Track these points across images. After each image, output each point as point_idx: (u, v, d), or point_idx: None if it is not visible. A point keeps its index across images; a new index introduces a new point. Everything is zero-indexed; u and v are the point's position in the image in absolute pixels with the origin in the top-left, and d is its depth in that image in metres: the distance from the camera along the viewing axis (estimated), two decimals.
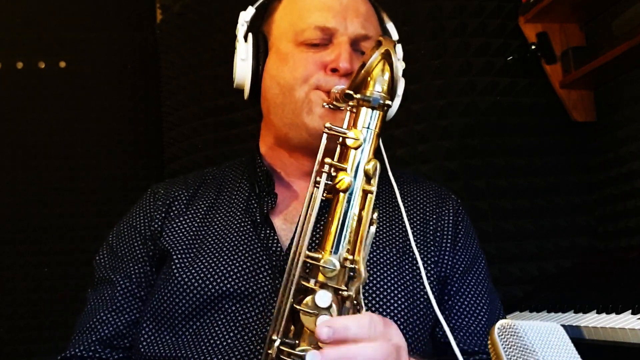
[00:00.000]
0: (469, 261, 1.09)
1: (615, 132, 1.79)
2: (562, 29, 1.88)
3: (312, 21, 1.06)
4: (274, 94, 1.08)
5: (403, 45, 1.85)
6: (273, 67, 1.09)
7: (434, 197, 1.13)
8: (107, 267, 1.09)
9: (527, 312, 1.58)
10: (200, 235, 1.05)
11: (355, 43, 1.06)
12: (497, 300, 1.11)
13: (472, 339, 1.03)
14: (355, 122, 0.80)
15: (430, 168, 1.80)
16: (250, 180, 1.11)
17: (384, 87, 0.80)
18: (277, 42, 1.10)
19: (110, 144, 2.42)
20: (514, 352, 0.72)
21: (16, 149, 2.35)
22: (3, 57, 2.38)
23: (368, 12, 1.11)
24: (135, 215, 1.12)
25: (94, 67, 2.43)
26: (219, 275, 0.99)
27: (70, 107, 2.40)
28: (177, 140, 2.23)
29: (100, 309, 1.05)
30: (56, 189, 2.35)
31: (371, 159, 0.79)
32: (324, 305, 0.73)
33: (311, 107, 1.03)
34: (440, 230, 1.09)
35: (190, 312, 0.97)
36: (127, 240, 1.10)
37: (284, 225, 1.05)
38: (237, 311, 0.96)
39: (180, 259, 1.01)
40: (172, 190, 1.12)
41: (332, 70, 1.03)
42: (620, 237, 1.77)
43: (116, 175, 2.38)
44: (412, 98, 1.83)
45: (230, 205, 1.09)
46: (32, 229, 2.32)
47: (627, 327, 1.20)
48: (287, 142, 1.10)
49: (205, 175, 1.17)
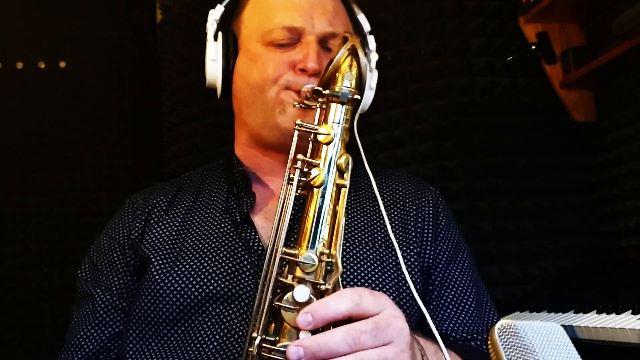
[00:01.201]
0: (452, 251, 1.10)
1: (615, 132, 1.79)
2: (562, 29, 1.88)
3: (279, 21, 1.06)
4: (245, 94, 1.09)
5: (403, 45, 1.86)
6: (243, 67, 1.09)
7: (412, 189, 1.14)
8: (88, 281, 1.09)
9: (527, 312, 1.58)
10: (180, 239, 1.04)
11: (323, 41, 1.07)
12: (482, 288, 1.12)
13: (463, 327, 1.04)
14: (326, 118, 0.81)
15: (430, 168, 1.80)
16: (228, 182, 1.12)
17: (352, 82, 0.80)
18: (246, 42, 1.11)
19: (110, 144, 2.41)
20: (514, 352, 0.72)
21: (16, 149, 2.35)
22: (3, 57, 2.38)
23: (336, 8, 1.11)
24: (114, 226, 1.12)
25: (94, 67, 2.43)
26: (201, 277, 0.98)
27: (70, 107, 2.39)
28: (177, 140, 2.23)
29: (83, 324, 1.04)
30: (56, 189, 2.35)
31: (343, 153, 0.80)
32: (303, 299, 0.73)
33: (284, 107, 1.04)
34: (421, 222, 1.09)
35: (174, 316, 0.97)
36: (107, 252, 1.09)
37: (264, 224, 1.05)
38: (221, 313, 0.96)
39: (160, 263, 1.01)
40: (150, 198, 1.12)
41: (300, 70, 1.04)
42: (620, 237, 1.77)
43: (116, 175, 2.38)
44: (412, 98, 1.84)
45: (209, 207, 1.09)
46: (32, 229, 2.32)
47: (627, 327, 1.20)
48: (261, 141, 1.10)
49: (183, 180, 1.17)
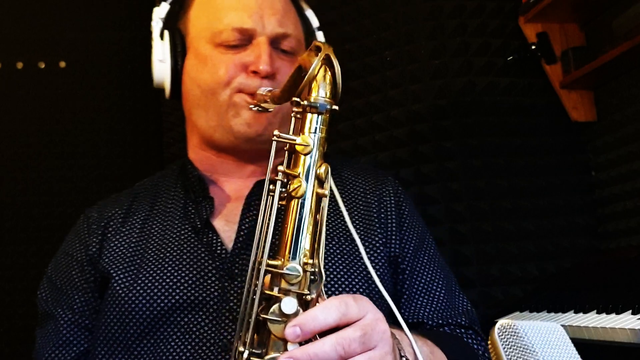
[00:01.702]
0: (418, 239, 1.10)
1: (615, 132, 1.80)
2: (562, 29, 1.88)
3: (228, 22, 1.04)
4: (196, 95, 1.06)
5: (403, 45, 1.86)
6: (192, 68, 1.07)
7: (372, 180, 1.12)
8: (48, 301, 1.06)
9: (527, 312, 1.58)
10: (140, 250, 1.02)
11: (274, 42, 1.05)
12: (449, 272, 1.13)
13: (436, 314, 1.04)
14: (302, 128, 0.79)
15: (431, 168, 1.80)
16: (184, 187, 1.09)
17: (327, 92, 0.79)
18: (194, 42, 1.08)
19: (110, 143, 2.41)
20: (514, 352, 0.72)
21: (16, 148, 2.35)
22: (3, 57, 2.37)
23: (285, 7, 1.10)
24: (70, 243, 1.09)
25: (94, 67, 2.43)
26: (165, 287, 0.96)
27: (70, 107, 2.39)
28: (177, 140, 2.23)
29: (47, 346, 1.01)
30: (56, 188, 2.34)
31: (322, 163, 0.79)
32: (290, 311, 0.72)
33: (237, 111, 1.03)
34: (384, 212, 1.08)
35: (142, 329, 0.95)
36: (65, 270, 1.06)
37: (226, 227, 1.03)
38: (190, 322, 0.94)
39: (121, 277, 0.98)
40: (105, 211, 1.09)
41: (252, 72, 1.02)
42: (620, 237, 1.77)
43: (116, 175, 2.38)
44: (412, 98, 1.84)
45: (167, 214, 1.06)
46: (32, 229, 2.31)
47: (627, 327, 1.20)
48: (214, 144, 1.08)
49: (137, 189, 1.14)
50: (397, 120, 1.85)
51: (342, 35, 1.93)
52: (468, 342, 1.04)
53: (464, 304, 1.10)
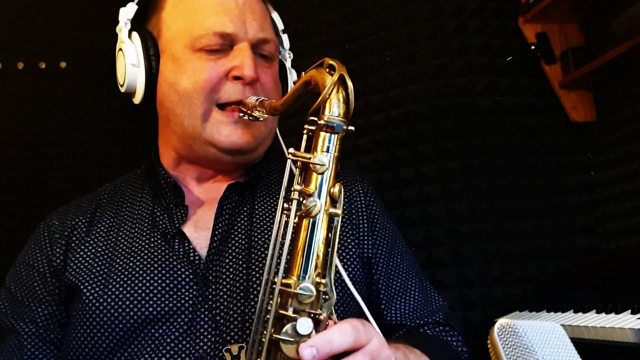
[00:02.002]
0: (390, 239, 1.10)
1: (615, 132, 1.80)
2: (561, 29, 1.88)
3: (209, 25, 1.00)
4: (173, 102, 1.02)
5: (403, 45, 1.86)
6: (170, 73, 1.03)
7: (342, 181, 1.10)
8: (8, 314, 1.00)
9: (527, 312, 1.58)
10: (107, 259, 0.98)
11: (255, 47, 1.03)
12: (419, 269, 1.14)
13: (414, 313, 1.06)
14: (315, 146, 0.79)
15: (431, 168, 1.80)
16: (153, 192, 1.06)
17: (342, 112, 0.79)
18: (170, 46, 1.03)
19: (110, 144, 2.41)
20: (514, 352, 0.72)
21: (16, 149, 2.34)
22: (3, 57, 2.37)
23: (262, 12, 1.08)
24: (30, 252, 1.04)
25: (94, 67, 2.43)
26: (137, 298, 0.93)
27: (71, 107, 2.39)
28: None
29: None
30: (56, 189, 2.34)
31: (335, 182, 0.78)
32: (306, 332, 0.72)
33: (219, 129, 1.00)
34: (355, 213, 1.08)
35: (115, 344, 0.91)
36: (26, 282, 1.01)
37: (195, 233, 1.00)
38: (164, 333, 0.91)
39: (90, 290, 0.94)
40: (67, 219, 1.05)
41: (234, 77, 1.00)
42: (620, 237, 1.77)
43: (116, 175, 2.37)
44: (412, 98, 1.84)
45: (134, 222, 1.02)
46: (32, 228, 2.31)
47: (626, 327, 1.20)
48: (191, 153, 1.05)
49: (100, 195, 1.11)
50: (397, 120, 1.85)
51: (342, 35, 1.93)
52: (447, 340, 1.06)
53: (437, 300, 1.11)
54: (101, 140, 2.40)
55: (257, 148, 1.04)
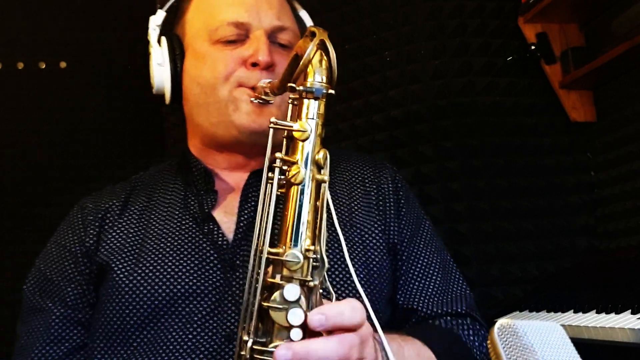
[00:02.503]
0: (414, 225, 1.10)
1: (615, 132, 1.80)
2: (561, 29, 1.88)
3: (224, 17, 1.04)
4: (196, 94, 1.06)
5: (403, 45, 1.86)
6: (191, 68, 1.08)
7: (370, 168, 1.13)
8: (37, 294, 1.03)
9: (527, 312, 1.58)
10: (139, 240, 1.01)
11: (272, 35, 1.05)
12: (449, 260, 1.13)
13: (430, 300, 1.05)
14: (299, 114, 0.79)
15: (431, 168, 1.80)
16: (185, 180, 1.09)
17: (324, 77, 0.78)
18: (192, 42, 1.08)
19: (110, 144, 2.41)
20: (514, 352, 0.72)
21: (16, 148, 2.35)
22: (3, 57, 2.37)
23: (280, 3, 1.10)
24: (63, 233, 1.07)
25: (94, 67, 2.43)
26: (167, 277, 0.95)
27: (71, 107, 2.39)
28: (177, 140, 2.23)
29: (37, 341, 0.99)
30: (56, 188, 2.34)
31: (320, 148, 0.78)
32: (293, 298, 0.71)
33: (237, 105, 1.02)
34: (382, 199, 1.09)
35: (142, 320, 0.93)
36: (58, 262, 1.04)
37: (225, 218, 1.03)
38: (191, 311, 0.93)
39: (121, 268, 0.97)
40: (101, 203, 1.08)
41: (252, 64, 1.02)
42: (620, 237, 1.77)
43: (117, 175, 2.36)
44: (412, 98, 1.84)
45: (166, 206, 1.06)
46: (32, 229, 2.31)
47: (627, 327, 1.20)
48: (216, 141, 1.08)
49: (134, 181, 1.15)
50: (397, 120, 1.85)
51: (342, 36, 1.93)
52: (462, 334, 1.04)
53: (461, 289, 1.10)
54: (101, 140, 2.40)
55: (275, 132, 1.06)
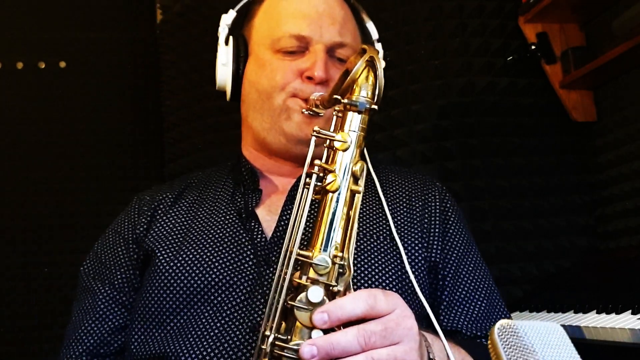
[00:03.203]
0: (463, 247, 1.11)
1: (615, 132, 1.80)
2: (562, 29, 1.88)
3: (287, 29, 1.09)
4: (253, 99, 1.11)
5: (403, 45, 1.86)
6: (252, 72, 1.12)
7: (418, 185, 1.15)
8: (90, 275, 1.11)
9: (527, 312, 1.58)
10: (185, 230, 1.06)
11: (331, 50, 1.09)
12: (493, 285, 1.14)
13: (474, 324, 1.05)
14: (342, 126, 0.83)
15: (431, 168, 1.80)
16: (235, 180, 1.14)
17: (369, 93, 0.83)
18: (256, 48, 1.13)
19: (110, 144, 2.41)
20: (514, 352, 0.72)
21: (16, 149, 2.35)
22: (3, 57, 2.37)
23: (345, 18, 1.13)
24: (120, 222, 1.14)
25: (94, 67, 2.43)
26: (204, 265, 1.00)
27: (70, 107, 2.39)
28: (177, 140, 2.23)
29: (84, 319, 1.06)
30: (56, 189, 2.34)
31: (358, 160, 0.82)
32: (316, 300, 0.75)
33: (289, 114, 1.07)
34: (428, 216, 1.11)
35: (177, 305, 0.98)
36: (111, 247, 1.11)
37: (267, 216, 1.07)
38: (222, 301, 0.97)
39: (163, 254, 1.03)
40: (157, 195, 1.15)
41: (307, 77, 1.06)
42: (620, 237, 1.77)
43: (116, 175, 2.38)
44: (412, 98, 1.84)
45: (215, 201, 1.11)
46: (32, 229, 2.31)
47: (627, 327, 1.20)
48: (266, 146, 1.13)
49: (190, 178, 1.20)
50: (397, 120, 1.85)
51: None
52: None
53: (505, 315, 1.11)
54: (101, 140, 2.40)
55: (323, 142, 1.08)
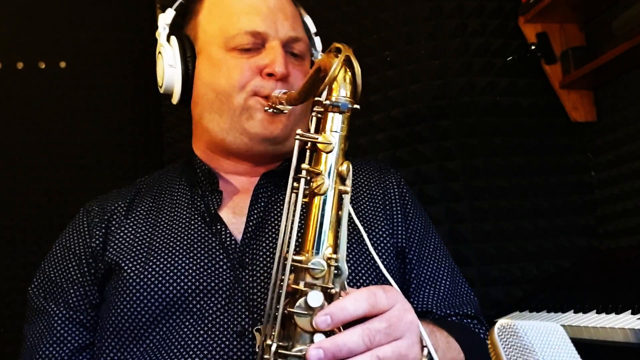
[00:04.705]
0: (422, 229, 1.13)
1: (615, 132, 1.80)
2: (562, 29, 1.88)
3: (241, 26, 1.06)
4: (209, 99, 1.07)
5: (403, 45, 1.86)
6: (206, 73, 1.08)
7: (375, 172, 1.15)
8: (41, 295, 1.05)
9: (527, 312, 1.58)
10: (147, 238, 1.03)
11: (286, 45, 1.08)
12: (453, 262, 1.16)
13: (442, 302, 1.07)
14: (324, 127, 0.83)
15: (431, 168, 1.80)
16: (189, 182, 1.11)
17: (348, 92, 0.82)
18: (206, 47, 1.09)
19: (110, 143, 2.41)
20: (514, 352, 0.72)
21: (16, 149, 2.35)
22: (3, 57, 2.37)
23: (294, 13, 1.13)
24: (68, 236, 1.09)
25: (94, 67, 2.43)
26: (177, 273, 0.97)
27: (70, 107, 2.39)
28: (177, 140, 2.23)
29: (41, 343, 1.01)
30: (56, 189, 2.34)
31: (343, 160, 0.82)
32: (317, 304, 0.75)
33: (251, 113, 1.04)
34: (389, 203, 1.11)
35: (155, 317, 0.95)
36: (62, 264, 1.06)
37: (233, 218, 1.04)
38: (202, 308, 0.95)
39: (130, 266, 0.98)
40: (107, 205, 1.10)
41: (267, 74, 1.04)
42: (620, 237, 1.78)
43: (116, 175, 2.38)
44: (412, 98, 1.84)
45: (173, 206, 1.07)
46: (32, 229, 2.31)
47: (627, 327, 1.20)
48: (224, 147, 1.09)
49: (139, 184, 1.16)
50: (397, 120, 1.85)
51: (342, 35, 1.93)
52: (475, 331, 1.07)
53: (468, 293, 1.13)
54: (101, 140, 2.40)
55: (286, 139, 1.08)
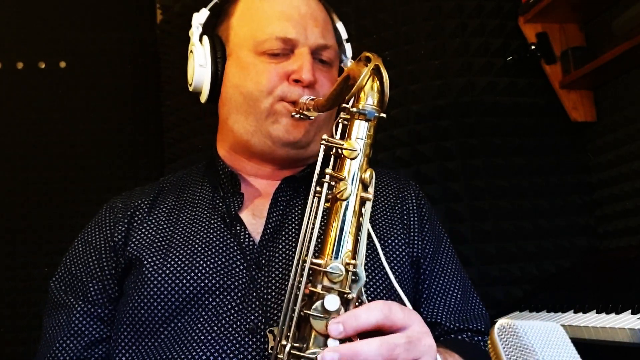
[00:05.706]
0: (436, 242, 1.14)
1: (615, 132, 1.80)
2: (562, 29, 1.88)
3: (272, 31, 1.07)
4: (237, 102, 1.09)
5: (403, 45, 1.86)
6: (235, 75, 1.10)
7: (394, 184, 1.17)
8: (62, 289, 1.08)
9: (527, 312, 1.58)
10: (167, 236, 1.05)
11: (315, 52, 1.09)
12: (466, 276, 1.16)
13: (452, 315, 1.08)
14: (349, 134, 0.84)
15: (431, 168, 1.80)
16: (212, 183, 1.12)
17: (375, 101, 0.83)
18: (237, 50, 1.11)
19: (110, 143, 2.41)
20: (514, 352, 0.72)
21: (16, 149, 2.34)
22: (3, 57, 2.37)
23: (325, 20, 1.14)
24: (90, 231, 1.11)
25: (94, 67, 2.43)
26: (195, 271, 0.99)
27: (70, 107, 2.39)
28: (177, 140, 2.23)
29: (59, 335, 1.03)
30: (56, 188, 2.34)
31: (367, 168, 0.83)
32: (333, 308, 0.76)
33: (277, 118, 1.06)
34: (407, 214, 1.12)
35: (170, 312, 0.97)
36: (83, 258, 1.08)
37: (253, 220, 1.06)
38: (217, 305, 0.96)
39: (150, 262, 1.00)
40: (130, 202, 1.12)
41: (295, 80, 1.05)
42: (620, 237, 1.77)
43: (116, 175, 2.38)
44: (412, 98, 1.84)
45: (194, 206, 1.09)
46: (32, 229, 2.31)
47: (627, 327, 1.20)
48: (248, 149, 1.11)
49: (163, 183, 1.18)
50: (397, 120, 1.85)
51: None
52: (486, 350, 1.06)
53: (480, 307, 1.13)
54: (101, 140, 2.40)
55: (309, 144, 1.09)
